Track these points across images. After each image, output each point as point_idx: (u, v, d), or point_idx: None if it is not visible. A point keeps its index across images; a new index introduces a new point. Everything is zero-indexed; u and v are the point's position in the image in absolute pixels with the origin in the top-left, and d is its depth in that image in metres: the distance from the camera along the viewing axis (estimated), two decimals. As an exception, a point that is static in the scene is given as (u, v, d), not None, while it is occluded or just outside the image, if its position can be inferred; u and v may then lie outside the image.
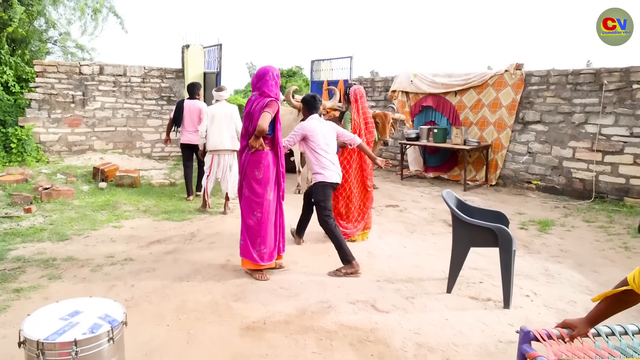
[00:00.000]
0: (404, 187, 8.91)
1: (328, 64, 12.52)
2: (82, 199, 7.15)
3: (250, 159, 4.09)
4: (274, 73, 4.18)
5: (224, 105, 6.56)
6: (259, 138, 4.02)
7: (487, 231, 3.63)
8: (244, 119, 4.20)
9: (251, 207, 4.16)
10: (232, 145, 6.41)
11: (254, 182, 4.11)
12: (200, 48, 10.92)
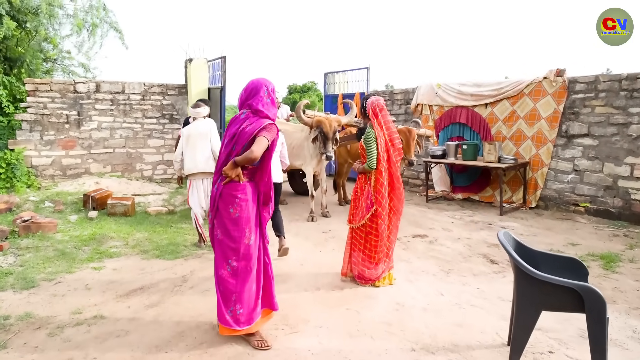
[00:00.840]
0: (431, 212, 7.90)
1: (342, 76, 11.65)
2: (65, 232, 6.30)
3: (223, 192, 3.22)
4: (268, 87, 3.34)
5: (200, 123, 5.77)
6: (238, 167, 3.15)
7: (568, 291, 2.63)
8: (226, 142, 3.29)
9: (225, 254, 3.25)
10: (208, 167, 5.62)
11: (229, 222, 3.21)
12: (204, 62, 10.13)
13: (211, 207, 3.31)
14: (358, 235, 4.54)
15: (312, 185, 7.44)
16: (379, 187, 4.38)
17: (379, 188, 4.38)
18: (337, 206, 8.44)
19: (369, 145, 4.39)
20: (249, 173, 3.26)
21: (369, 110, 4.46)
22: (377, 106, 4.45)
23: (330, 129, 6.73)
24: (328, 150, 6.72)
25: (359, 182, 4.64)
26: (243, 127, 3.18)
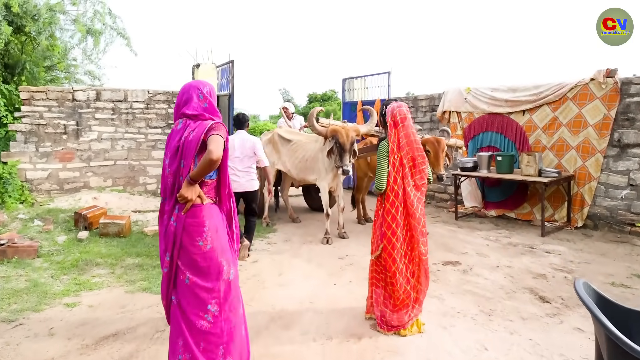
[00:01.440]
0: (461, 231, 7.00)
1: (362, 81, 10.85)
2: (47, 257, 5.60)
3: (185, 223, 2.62)
4: (202, 90, 2.76)
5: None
6: (195, 184, 2.59)
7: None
8: (169, 159, 2.69)
9: (201, 300, 2.63)
10: None
11: (200, 258, 2.62)
12: (213, 67, 9.45)
13: (170, 247, 2.63)
14: (378, 268, 3.72)
15: (327, 203, 6.62)
16: (387, 217, 3.58)
17: (387, 219, 3.58)
18: (355, 225, 7.60)
19: (380, 161, 3.64)
20: (210, 191, 2.72)
21: (388, 119, 3.67)
22: (398, 114, 3.66)
23: (347, 140, 5.92)
24: (345, 163, 5.91)
25: (377, 204, 3.82)
26: (185, 137, 2.62)
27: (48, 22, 9.00)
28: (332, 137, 6.02)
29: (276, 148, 7.32)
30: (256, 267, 5.43)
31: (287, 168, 7.17)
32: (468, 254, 5.79)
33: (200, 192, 2.62)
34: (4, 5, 8.46)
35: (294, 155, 7.01)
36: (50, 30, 8.84)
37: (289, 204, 8.03)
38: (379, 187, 3.59)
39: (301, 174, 6.97)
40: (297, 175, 7.07)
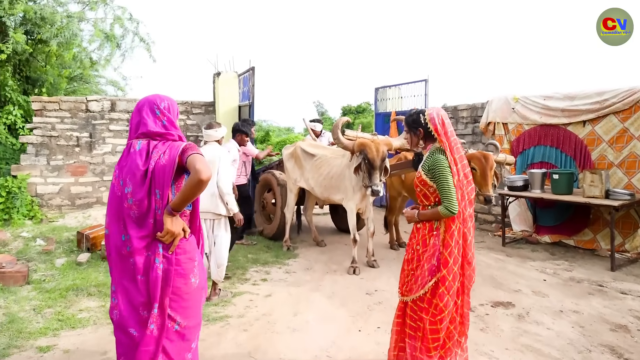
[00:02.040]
0: (511, 261, 6.05)
1: (396, 90, 10.03)
2: (37, 285, 5.00)
3: (177, 262, 2.33)
4: (159, 106, 2.45)
5: (209, 149, 4.57)
6: (177, 216, 2.29)
7: None
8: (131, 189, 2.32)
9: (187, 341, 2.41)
10: (212, 206, 4.49)
11: (190, 299, 2.40)
12: (234, 76, 8.83)
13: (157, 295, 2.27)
14: (413, 312, 2.90)
15: (354, 226, 5.81)
16: (449, 240, 2.82)
17: (449, 242, 2.82)
18: (387, 251, 6.74)
19: (444, 177, 2.82)
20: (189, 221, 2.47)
21: (435, 125, 2.89)
22: (437, 120, 2.88)
23: (377, 155, 5.13)
24: (374, 182, 5.11)
25: (418, 233, 3.03)
26: (156, 161, 2.29)
27: (64, 28, 8.57)
28: (360, 151, 5.24)
29: (299, 163, 6.58)
30: (269, 303, 4.65)
31: (311, 186, 6.40)
32: (522, 292, 4.86)
33: (183, 224, 2.33)
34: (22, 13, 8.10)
35: (317, 172, 6.24)
36: (65, 35, 8.39)
37: (312, 225, 7.25)
38: (452, 210, 2.79)
39: (326, 192, 6.19)
40: (321, 194, 6.29)
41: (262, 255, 6.38)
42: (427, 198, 2.97)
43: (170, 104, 2.48)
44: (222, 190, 4.45)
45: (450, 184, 2.81)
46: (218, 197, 4.47)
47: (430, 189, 2.92)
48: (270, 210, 7.45)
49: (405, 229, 7.87)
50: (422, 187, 2.98)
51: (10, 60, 8.50)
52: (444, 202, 2.82)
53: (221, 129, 4.80)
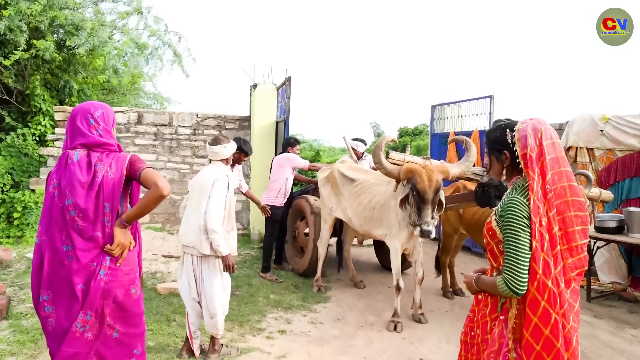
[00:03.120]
0: (602, 325, 4.74)
1: (455, 108, 8.87)
2: (15, 320, 4.33)
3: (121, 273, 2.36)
4: (93, 114, 2.40)
5: (207, 170, 3.77)
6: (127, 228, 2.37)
7: None
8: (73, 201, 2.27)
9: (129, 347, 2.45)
10: (197, 241, 3.56)
11: (131, 308, 2.43)
12: (273, 88, 8.02)
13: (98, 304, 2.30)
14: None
15: (399, 271, 4.71)
16: (530, 339, 1.79)
17: (529, 343, 1.78)
18: (439, 299, 5.56)
19: (513, 232, 1.83)
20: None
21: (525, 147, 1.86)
22: (544, 137, 1.88)
23: (430, 186, 4.07)
24: (424, 220, 4.05)
25: (478, 308, 2.07)
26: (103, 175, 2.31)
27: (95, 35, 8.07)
28: (408, 180, 4.19)
29: (336, 189, 5.57)
30: (280, 369, 3.64)
31: (348, 216, 5.37)
32: (624, 377, 3.58)
33: (130, 236, 2.41)
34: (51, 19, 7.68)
35: (357, 200, 5.20)
36: (93, 42, 7.89)
37: (350, 262, 6.17)
38: (514, 286, 1.80)
39: (365, 225, 5.13)
40: (361, 226, 5.23)
41: (287, 297, 5.39)
42: (494, 257, 1.96)
43: (105, 112, 2.45)
44: (207, 226, 3.47)
45: (520, 247, 1.79)
46: (204, 232, 3.51)
47: (499, 244, 1.91)
48: (302, 242, 6.46)
49: (463, 268, 6.66)
50: (490, 240, 1.95)
51: (40, 68, 8.11)
52: (505, 272, 1.81)
53: (230, 145, 3.83)
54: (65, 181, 2.29)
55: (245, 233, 8.35)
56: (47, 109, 8.42)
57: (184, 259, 3.70)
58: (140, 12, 9.40)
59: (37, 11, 7.37)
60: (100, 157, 2.34)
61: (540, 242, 1.78)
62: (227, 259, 3.55)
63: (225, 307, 3.75)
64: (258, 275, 6.11)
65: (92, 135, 2.35)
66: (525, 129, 1.88)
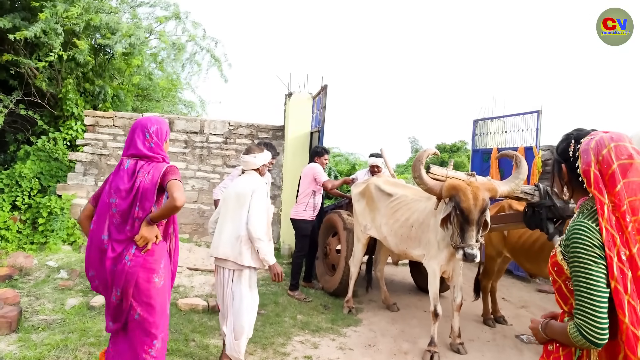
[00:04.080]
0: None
1: (499, 124, 8.49)
2: (25, 334, 4.11)
3: (145, 261, 2.71)
4: (149, 129, 2.83)
5: (243, 180, 3.72)
6: (154, 226, 2.72)
7: None
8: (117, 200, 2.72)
9: (149, 334, 2.73)
10: (233, 253, 3.51)
11: (152, 296, 2.72)
12: (308, 97, 7.83)
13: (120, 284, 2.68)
14: None
15: (437, 295, 4.37)
16: None
17: None
18: (479, 326, 5.18)
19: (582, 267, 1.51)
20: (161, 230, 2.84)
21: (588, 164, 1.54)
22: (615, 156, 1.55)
23: (476, 205, 3.76)
24: (469, 243, 3.73)
25: None
26: (141, 180, 2.73)
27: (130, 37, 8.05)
28: (450, 197, 3.87)
29: (371, 205, 5.26)
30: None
31: (383, 234, 5.06)
32: None
33: (157, 232, 2.75)
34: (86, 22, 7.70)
35: (393, 216, 4.89)
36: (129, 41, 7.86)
37: (383, 282, 5.83)
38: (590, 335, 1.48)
39: (402, 244, 4.80)
40: (396, 246, 4.91)
41: (315, 318, 5.10)
42: (563, 298, 1.65)
43: (160, 127, 2.85)
44: (252, 235, 3.43)
45: (594, 283, 1.48)
46: (244, 242, 3.46)
47: (568, 283, 1.60)
48: (333, 259, 6.17)
49: (505, 292, 6.26)
50: (557, 277, 1.64)
51: (73, 72, 8.14)
52: (577, 316, 1.50)
53: (262, 155, 3.78)
54: (115, 184, 2.75)
55: (275, 247, 8.12)
56: (79, 113, 8.43)
57: (218, 272, 3.64)
58: (179, 17, 9.38)
59: (75, 14, 7.41)
60: (143, 166, 2.75)
61: (622, 281, 1.45)
62: (275, 268, 3.55)
63: (250, 329, 3.58)
64: (286, 293, 5.85)
65: (142, 148, 2.77)
66: (589, 142, 1.58)
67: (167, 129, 2.93)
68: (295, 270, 5.89)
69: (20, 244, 6.95)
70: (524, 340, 4.80)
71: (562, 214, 4.07)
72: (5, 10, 7.44)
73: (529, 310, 5.84)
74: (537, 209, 4.12)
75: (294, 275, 5.88)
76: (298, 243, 5.99)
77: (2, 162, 8.56)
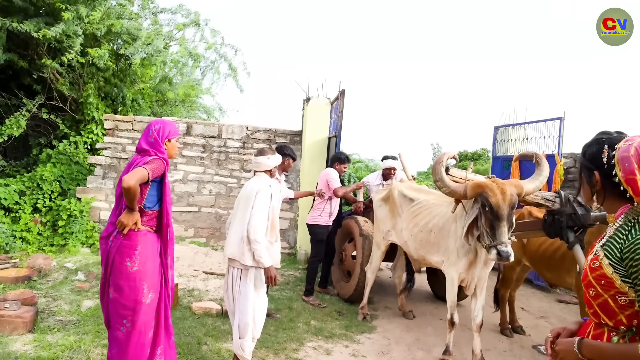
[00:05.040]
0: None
1: (520, 130, 8.36)
2: (40, 334, 4.18)
3: (121, 244, 2.94)
4: (153, 127, 3.11)
5: (252, 182, 3.78)
6: (134, 212, 2.91)
7: None
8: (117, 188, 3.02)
9: (119, 314, 2.95)
10: (238, 253, 3.57)
11: (122, 278, 2.93)
12: (327, 102, 7.85)
13: (103, 262, 3.01)
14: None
15: (454, 304, 4.28)
16: None
17: None
18: (496, 336, 5.10)
19: None
20: (151, 220, 3.06)
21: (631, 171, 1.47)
22: None
23: (504, 199, 3.64)
24: (501, 239, 3.59)
25: None
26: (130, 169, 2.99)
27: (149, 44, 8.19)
28: (477, 195, 3.76)
29: (394, 211, 5.18)
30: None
31: (403, 239, 4.99)
32: None
33: (137, 219, 2.92)
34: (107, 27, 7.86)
35: (413, 221, 4.81)
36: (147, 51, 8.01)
37: (400, 289, 5.79)
38: None
39: (422, 249, 4.72)
40: (416, 251, 4.83)
41: (329, 324, 5.08)
42: (609, 313, 1.53)
43: (163, 127, 3.09)
44: (249, 236, 3.49)
45: None
46: (246, 242, 3.53)
47: (620, 297, 1.48)
48: (349, 266, 6.14)
49: (524, 302, 6.15)
50: (603, 292, 1.54)
51: (94, 76, 8.31)
52: None
53: (275, 157, 3.86)
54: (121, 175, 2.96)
55: (291, 252, 8.14)
56: (100, 117, 8.60)
57: (228, 272, 3.70)
58: (198, 24, 9.52)
59: (97, 18, 7.57)
60: (136, 158, 3.02)
61: None
62: (269, 271, 3.53)
63: (257, 330, 3.61)
64: (300, 298, 5.85)
65: (142, 143, 3.05)
66: (628, 149, 1.50)
67: (171, 129, 3.12)
68: (310, 275, 5.87)
69: (40, 246, 7.09)
70: (542, 352, 4.70)
71: (583, 222, 3.95)
72: (30, 16, 7.63)
73: (548, 321, 5.72)
74: (557, 216, 4.02)
75: (309, 280, 5.86)
76: (314, 248, 5.99)
77: (25, 166, 8.77)
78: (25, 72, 8.27)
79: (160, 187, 3.05)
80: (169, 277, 3.16)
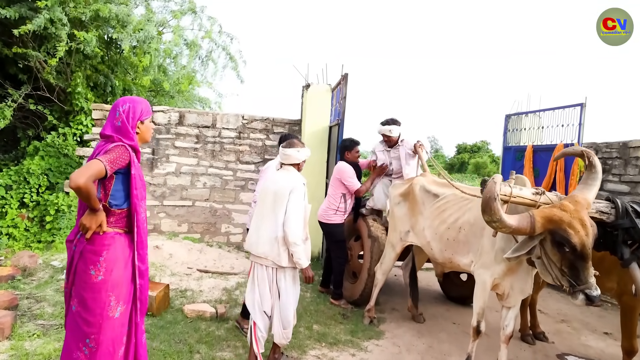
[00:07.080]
0: None
1: (535, 119, 7.95)
2: (17, 342, 3.87)
3: (84, 249, 2.58)
4: (119, 108, 2.66)
5: (283, 176, 3.65)
6: (97, 213, 2.51)
7: None
8: None
9: (81, 332, 2.56)
10: (272, 252, 3.49)
11: (86, 289, 2.56)
12: (327, 89, 7.44)
13: (68, 270, 2.64)
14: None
15: (482, 310, 3.80)
16: None
17: None
18: (517, 343, 4.73)
19: None
20: (120, 220, 2.66)
21: None
22: None
23: (587, 234, 3.00)
24: (587, 283, 2.96)
25: None
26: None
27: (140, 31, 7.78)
28: (552, 233, 3.06)
29: (415, 208, 4.70)
30: None
31: (426, 239, 4.47)
32: None
33: (102, 220, 2.54)
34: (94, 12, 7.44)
35: (438, 217, 4.32)
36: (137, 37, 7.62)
37: (411, 291, 5.40)
38: None
39: (448, 250, 4.20)
40: (441, 252, 4.30)
41: (333, 329, 4.73)
42: None
43: (133, 106, 2.67)
44: (288, 238, 3.42)
45: None
46: (282, 244, 3.47)
47: None
48: (355, 266, 5.76)
49: (541, 304, 5.78)
50: None
51: (82, 64, 7.92)
52: None
53: (304, 150, 3.71)
54: None
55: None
56: (89, 108, 8.24)
57: (255, 270, 3.60)
58: (195, 11, 9.12)
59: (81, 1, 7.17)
60: (99, 146, 2.60)
61: None
62: (308, 271, 3.60)
63: (295, 317, 3.70)
64: (302, 300, 5.47)
65: (105, 128, 2.62)
66: None
67: (143, 108, 2.73)
68: (338, 279, 5.50)
69: (27, 243, 6.79)
70: (569, 361, 4.34)
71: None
72: (13, 1, 7.23)
73: (570, 325, 5.34)
74: (610, 229, 3.41)
75: (337, 285, 5.50)
76: (334, 250, 5.58)
77: (14, 159, 8.42)
78: (11, 61, 7.89)
79: (128, 179, 2.64)
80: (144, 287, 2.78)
